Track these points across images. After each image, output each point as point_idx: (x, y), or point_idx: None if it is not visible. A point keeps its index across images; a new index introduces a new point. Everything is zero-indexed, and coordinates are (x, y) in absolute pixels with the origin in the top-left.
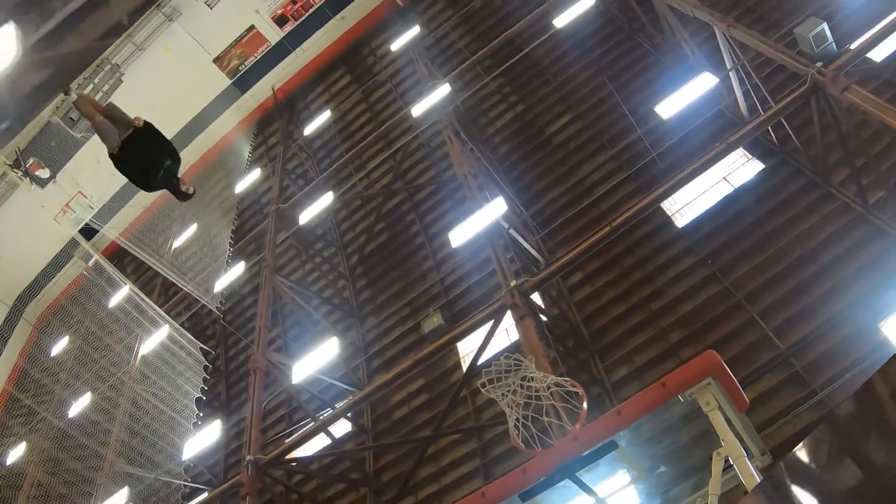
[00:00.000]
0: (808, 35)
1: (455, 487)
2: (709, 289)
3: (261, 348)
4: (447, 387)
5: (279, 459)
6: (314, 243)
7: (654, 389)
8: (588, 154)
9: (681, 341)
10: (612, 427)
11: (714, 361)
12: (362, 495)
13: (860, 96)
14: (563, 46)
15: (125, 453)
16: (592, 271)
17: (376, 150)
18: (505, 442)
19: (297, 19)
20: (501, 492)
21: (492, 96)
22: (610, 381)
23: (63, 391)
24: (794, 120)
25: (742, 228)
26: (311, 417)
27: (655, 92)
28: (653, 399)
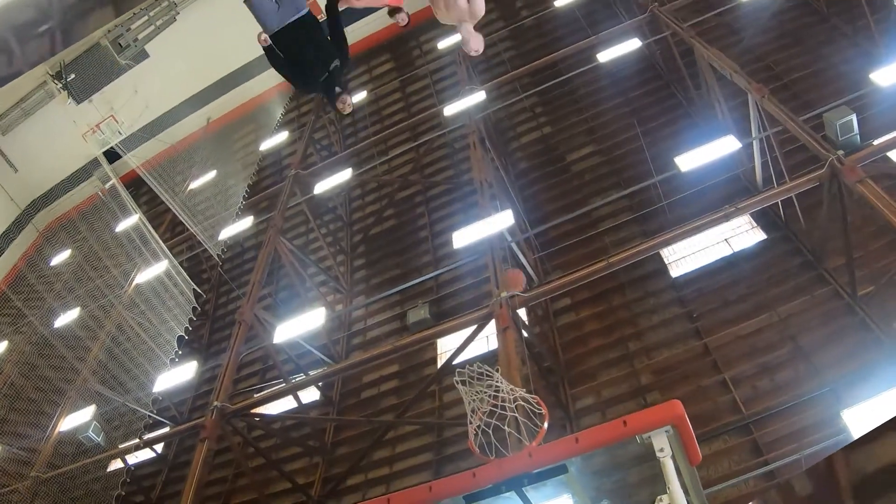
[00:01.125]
0: (835, 122)
1: (404, 475)
2: (688, 342)
3: (250, 302)
4: (419, 378)
5: (244, 411)
6: (323, 214)
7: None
8: (602, 188)
9: (649, 385)
10: (566, 452)
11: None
12: (315, 463)
13: (872, 191)
14: (601, 81)
15: (100, 373)
16: (581, 300)
17: (402, 139)
18: (461, 443)
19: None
20: (448, 490)
21: (523, 113)
22: (574, 408)
23: (54, 301)
24: (804, 199)
25: (732, 292)
26: (284, 379)
27: (679, 143)
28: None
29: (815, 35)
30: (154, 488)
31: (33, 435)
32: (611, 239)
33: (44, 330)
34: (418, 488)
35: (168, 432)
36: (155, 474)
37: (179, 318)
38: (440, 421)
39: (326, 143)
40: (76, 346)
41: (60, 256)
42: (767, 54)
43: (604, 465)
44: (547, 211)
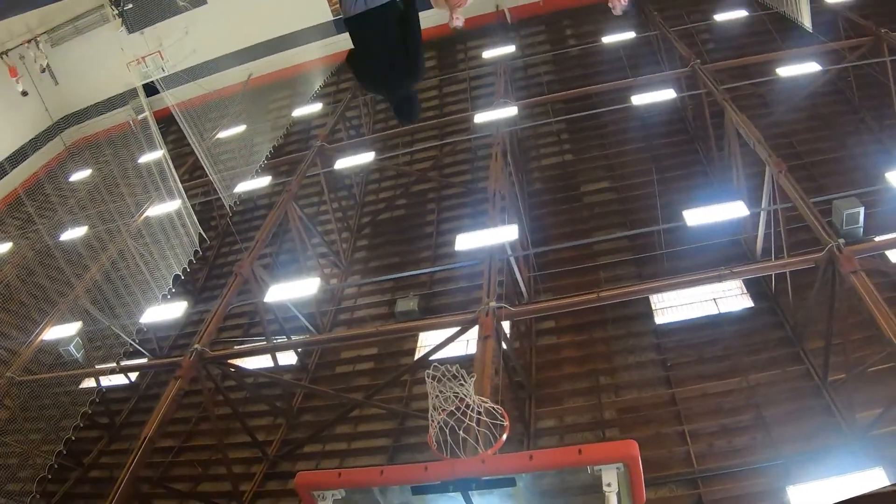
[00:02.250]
0: (843, 211)
1: (360, 454)
2: (657, 388)
3: (251, 257)
4: (394, 366)
5: (221, 360)
6: (338, 190)
7: (569, 451)
8: (608, 224)
9: (611, 421)
10: (519, 466)
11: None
12: (277, 424)
13: (863, 284)
14: (630, 122)
15: (93, 293)
16: (564, 326)
17: (428, 135)
18: (420, 436)
19: None
20: (399, 477)
21: (549, 136)
22: (535, 427)
23: (65, 215)
24: (797, 277)
25: (709, 350)
26: (266, 337)
27: (690, 197)
28: (565, 459)
29: (843, 124)
30: (120, 413)
31: (17, 338)
32: (605, 274)
33: (49, 240)
34: (371, 469)
35: (145, 363)
36: (124, 400)
37: (180, 257)
38: (405, 410)
39: (356, 124)
40: (76, 263)
41: (80, 174)
42: (793, 132)
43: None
44: (551, 234)
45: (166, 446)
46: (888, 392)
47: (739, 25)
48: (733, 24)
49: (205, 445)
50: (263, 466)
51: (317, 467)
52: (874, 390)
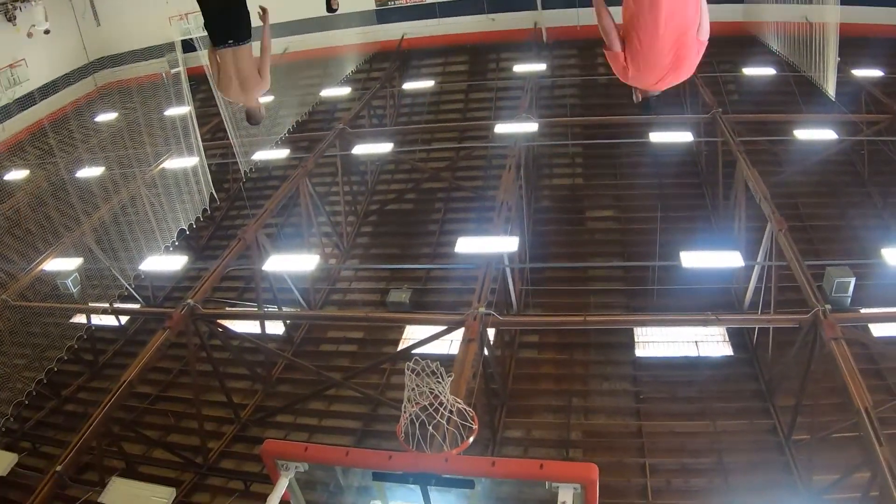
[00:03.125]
0: (834, 278)
1: (329, 432)
2: (626, 418)
3: (256, 224)
4: (376, 352)
5: (211, 318)
6: (352, 174)
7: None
8: (606, 252)
9: (576, 442)
10: (480, 470)
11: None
12: (254, 390)
13: (842, 353)
14: (644, 157)
15: (98, 233)
16: (547, 342)
17: (448, 136)
18: (390, 425)
19: None
20: (363, 461)
21: (564, 157)
22: (501, 435)
23: (84, 153)
24: (779, 333)
25: (682, 390)
26: (258, 304)
27: (690, 239)
28: (526, 471)
29: (849, 194)
30: (104, 353)
31: (18, 263)
32: (595, 299)
33: (65, 174)
34: (337, 449)
35: (137, 309)
36: (110, 341)
37: (189, 213)
38: (379, 397)
39: (380, 113)
40: (87, 201)
41: (106, 116)
42: (799, 194)
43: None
44: (549, 252)
45: (144, 392)
46: (848, 460)
47: (765, 82)
48: (760, 79)
49: (181, 398)
50: (234, 428)
51: (285, 438)
52: (835, 456)
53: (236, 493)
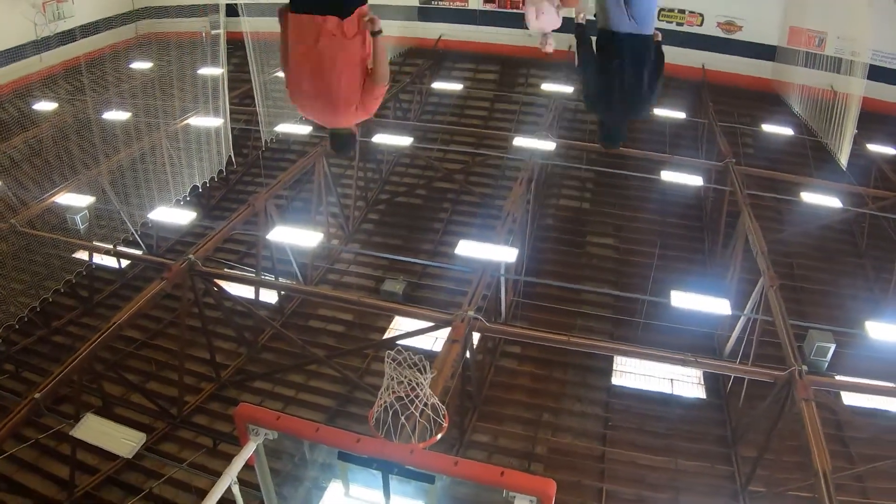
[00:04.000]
0: (815, 342)
1: (303, 406)
2: (591, 442)
3: (268, 193)
4: (362, 337)
5: (209, 276)
6: (368, 161)
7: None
8: (600, 278)
9: (540, 457)
10: (442, 467)
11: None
12: (239, 352)
13: (810, 415)
14: (652, 192)
15: (114, 175)
16: (529, 356)
17: (467, 140)
18: (363, 409)
19: (500, 6)
20: (331, 439)
21: (575, 180)
22: (468, 437)
23: (114, 96)
24: (753, 385)
25: (651, 424)
26: (256, 271)
27: (682, 280)
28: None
29: (843, 263)
30: (100, 292)
31: (32, 191)
32: (582, 322)
33: (92, 114)
34: (308, 423)
35: (139, 255)
36: (108, 282)
37: (205, 171)
38: (358, 381)
39: (406, 108)
40: (109, 143)
41: (141, 64)
42: (796, 254)
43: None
44: (545, 268)
45: (131, 336)
46: None
47: (781, 141)
48: (777, 137)
49: (166, 349)
50: (212, 386)
51: (260, 404)
52: None
53: (204, 449)
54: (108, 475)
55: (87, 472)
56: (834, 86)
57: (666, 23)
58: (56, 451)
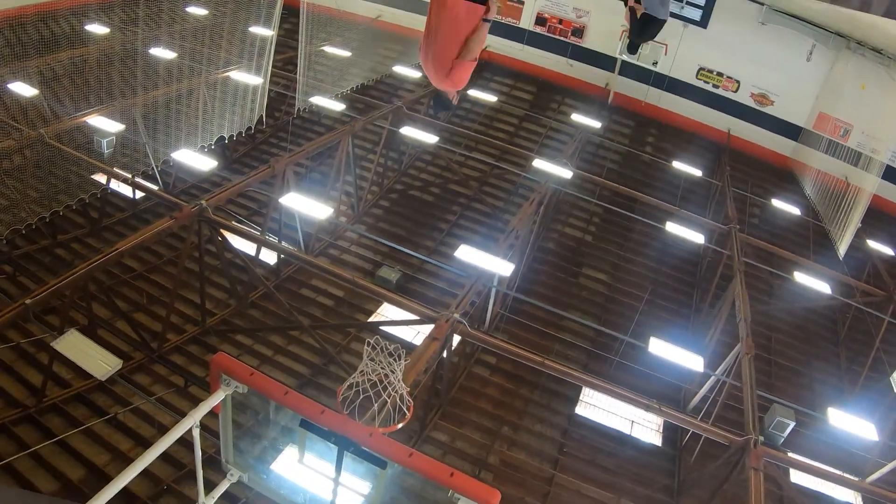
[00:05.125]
0: (776, 416)
1: (278, 368)
2: (543, 463)
3: (290, 159)
4: (349, 315)
5: (216, 224)
6: (391, 150)
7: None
8: (586, 309)
9: (491, 466)
10: (396, 455)
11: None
12: (228, 304)
13: (757, 484)
14: (653, 240)
15: (147, 108)
16: (501, 368)
17: (489, 151)
18: (334, 384)
19: (549, 31)
20: (297, 405)
21: (583, 212)
22: (427, 432)
23: (163, 35)
24: (708, 444)
25: (603, 459)
26: (262, 230)
27: (665, 330)
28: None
29: (820, 347)
30: (110, 217)
31: (67, 107)
32: (560, 348)
33: (140, 46)
34: (279, 385)
35: (155, 190)
36: (118, 209)
37: (234, 125)
38: (335, 356)
39: None
40: (149, 77)
41: (197, 10)
42: (777, 329)
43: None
44: (536, 289)
45: (129, 265)
46: None
47: (787, 218)
48: (783, 213)
49: (160, 285)
50: (196, 330)
51: (238, 357)
52: None
53: (174, 388)
54: (78, 392)
55: (59, 384)
56: (848, 177)
57: (703, 82)
58: (34, 359)
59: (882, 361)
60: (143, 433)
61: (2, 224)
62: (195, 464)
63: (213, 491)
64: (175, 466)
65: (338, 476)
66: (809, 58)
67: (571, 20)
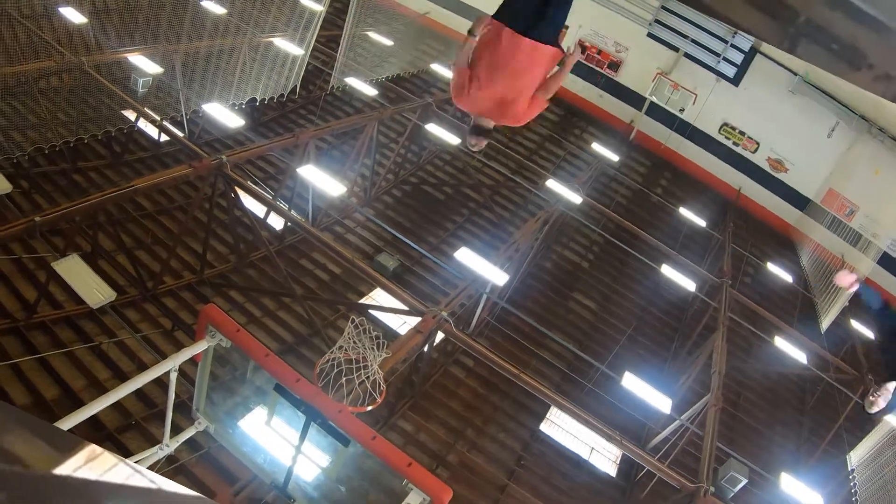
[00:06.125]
0: (730, 470)
1: (263, 329)
2: (499, 471)
3: (315, 133)
4: (341, 292)
5: (231, 181)
6: (413, 142)
7: (402, 457)
8: (569, 332)
9: (449, 463)
10: (360, 435)
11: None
12: (228, 258)
13: None
14: (646, 279)
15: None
16: (477, 373)
17: (507, 162)
18: (314, 356)
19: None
20: (275, 369)
21: (585, 238)
22: (394, 420)
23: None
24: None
25: (557, 479)
26: (274, 195)
27: (639, 366)
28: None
29: (785, 414)
30: (131, 153)
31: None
32: (536, 364)
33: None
34: (262, 346)
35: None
36: (141, 148)
37: (268, 89)
38: (321, 328)
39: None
40: (196, 28)
41: None
42: (747, 388)
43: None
44: (524, 304)
45: (141, 204)
46: None
47: (778, 283)
48: (776, 278)
49: (167, 228)
50: (193, 278)
51: (227, 312)
52: None
53: (161, 330)
54: (68, 315)
55: (52, 304)
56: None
57: (724, 137)
58: (32, 275)
59: (842, 439)
60: (122, 366)
61: (28, 141)
62: (167, 406)
63: (179, 435)
64: (147, 404)
65: (300, 444)
66: (831, 134)
67: (610, 53)
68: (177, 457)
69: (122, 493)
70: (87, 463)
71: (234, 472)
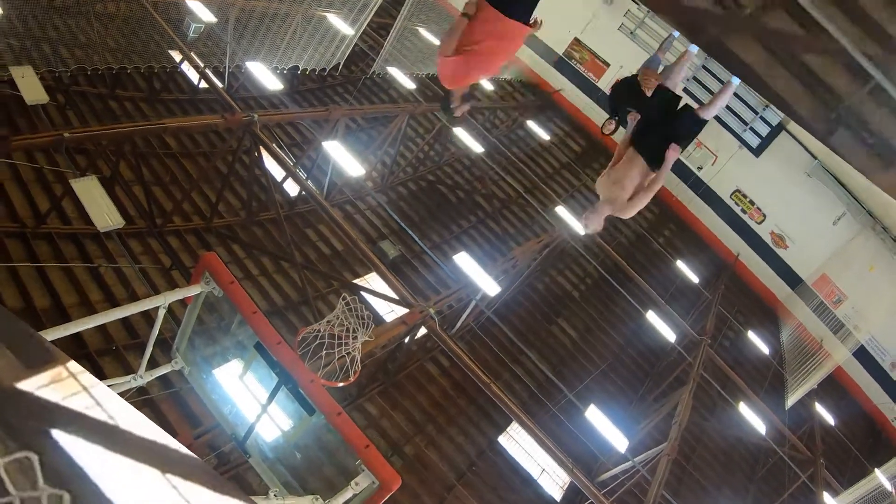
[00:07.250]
0: None
1: (256, 287)
2: (449, 472)
3: (347, 112)
4: (339, 269)
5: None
6: (436, 141)
7: (362, 439)
8: (545, 355)
9: (405, 454)
10: (326, 408)
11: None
12: (238, 213)
13: None
14: (631, 321)
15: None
16: (451, 374)
17: (522, 180)
18: (299, 323)
19: None
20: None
21: (580, 269)
22: (363, 400)
23: None
24: None
25: (504, 492)
26: (295, 161)
27: (605, 402)
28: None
29: (734, 479)
30: (168, 92)
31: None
32: (508, 378)
33: None
34: (251, 303)
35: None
36: (179, 89)
37: (312, 61)
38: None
39: (497, 123)
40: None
41: None
42: (703, 445)
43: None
44: (509, 319)
45: (167, 142)
46: None
47: (754, 353)
48: (753, 347)
49: (186, 171)
50: (200, 223)
51: (226, 264)
52: None
53: (159, 266)
54: (74, 232)
55: (62, 219)
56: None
57: (734, 203)
58: (49, 187)
59: None
60: (115, 293)
61: (73, 59)
62: (149, 339)
63: (154, 369)
64: (130, 334)
65: (267, 404)
66: (836, 222)
67: None
68: (147, 390)
69: (81, 422)
70: (51, 383)
71: (198, 416)
